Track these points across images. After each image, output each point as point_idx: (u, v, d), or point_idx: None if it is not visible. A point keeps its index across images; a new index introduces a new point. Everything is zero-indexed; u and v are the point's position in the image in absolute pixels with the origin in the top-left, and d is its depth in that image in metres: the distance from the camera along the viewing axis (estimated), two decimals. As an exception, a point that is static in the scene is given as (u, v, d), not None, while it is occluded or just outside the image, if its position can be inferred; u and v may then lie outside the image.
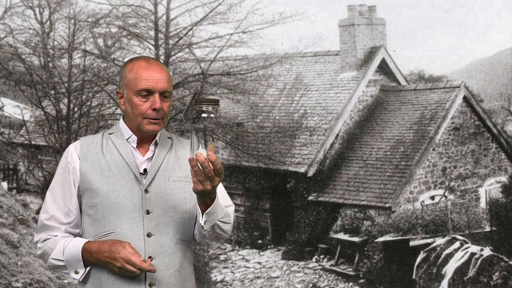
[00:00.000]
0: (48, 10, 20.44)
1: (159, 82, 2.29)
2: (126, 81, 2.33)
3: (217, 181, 2.09)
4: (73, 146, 2.38)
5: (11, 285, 5.79)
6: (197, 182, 2.08)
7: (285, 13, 17.68)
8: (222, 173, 2.10)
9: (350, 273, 14.53)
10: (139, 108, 2.30)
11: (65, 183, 2.35)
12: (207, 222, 2.21)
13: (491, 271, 10.29)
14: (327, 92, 18.14)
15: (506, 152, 17.80)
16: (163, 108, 2.30)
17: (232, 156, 17.86)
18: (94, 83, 15.64)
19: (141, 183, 2.30)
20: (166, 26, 16.59)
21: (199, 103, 2.11)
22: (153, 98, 2.29)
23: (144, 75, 2.30)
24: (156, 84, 2.29)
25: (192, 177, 2.08)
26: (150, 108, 2.28)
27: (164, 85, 2.30)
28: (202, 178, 2.07)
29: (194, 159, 2.04)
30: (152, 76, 2.30)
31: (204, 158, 2.03)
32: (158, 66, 2.33)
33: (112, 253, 2.18)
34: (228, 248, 17.14)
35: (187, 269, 2.36)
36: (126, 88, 2.32)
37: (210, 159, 2.04)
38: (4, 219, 7.73)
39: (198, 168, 2.05)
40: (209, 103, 2.11)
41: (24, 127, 19.28)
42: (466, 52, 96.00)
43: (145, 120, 2.30)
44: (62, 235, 2.33)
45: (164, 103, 2.31)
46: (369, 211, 15.15)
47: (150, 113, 2.29)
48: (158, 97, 2.29)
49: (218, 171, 2.07)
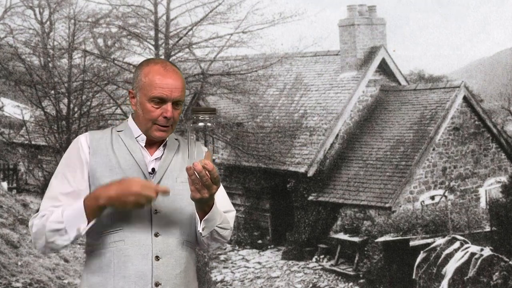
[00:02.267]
0: (48, 10, 20.45)
1: (173, 92, 2.28)
2: (140, 84, 2.31)
3: (214, 189, 2.11)
4: (84, 137, 2.35)
5: (11, 285, 5.79)
6: (194, 191, 2.10)
7: (285, 13, 17.73)
8: (220, 181, 2.12)
9: (350, 273, 14.53)
10: (150, 114, 2.29)
11: (78, 169, 2.29)
12: (205, 229, 2.23)
13: (491, 271, 10.29)
14: (327, 92, 18.14)
15: (506, 152, 17.80)
16: (173, 116, 2.30)
17: (232, 156, 17.86)
18: (94, 83, 15.64)
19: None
20: (166, 26, 16.59)
21: (196, 112, 2.13)
22: (165, 107, 2.28)
23: (159, 82, 2.28)
24: (170, 93, 2.28)
25: (189, 185, 2.10)
26: (161, 116, 2.28)
27: (178, 95, 2.29)
28: (200, 187, 2.08)
29: (191, 168, 2.06)
30: (168, 85, 2.28)
31: (201, 167, 2.05)
32: (174, 74, 2.31)
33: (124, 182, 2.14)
34: (228, 248, 17.14)
35: (191, 270, 2.37)
36: (140, 91, 2.31)
37: (207, 168, 2.06)
38: (4, 219, 7.73)
39: (196, 176, 2.07)
40: (206, 112, 2.13)
41: (24, 127, 19.29)
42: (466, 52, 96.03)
43: (155, 126, 2.30)
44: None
45: (176, 111, 2.30)
46: (369, 211, 15.15)
47: (161, 120, 2.28)
48: (171, 106, 2.28)
49: (215, 179, 2.09)
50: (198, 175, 2.06)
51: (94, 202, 2.15)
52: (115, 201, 2.14)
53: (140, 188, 2.12)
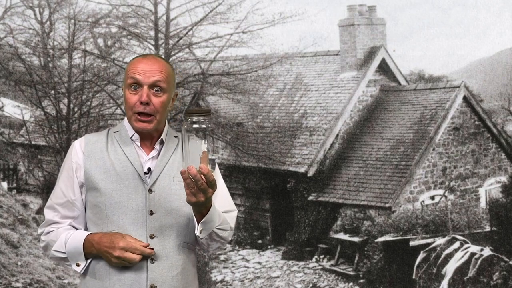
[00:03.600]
0: (48, 10, 20.44)
1: (148, 75, 2.22)
2: (124, 77, 2.30)
3: (210, 193, 2.07)
4: (78, 142, 2.35)
5: (11, 285, 5.78)
6: (190, 194, 2.06)
7: (285, 13, 17.71)
8: (215, 184, 2.07)
9: (350, 273, 14.53)
10: (128, 102, 2.25)
11: (69, 179, 2.32)
12: (203, 231, 2.20)
13: (491, 271, 10.29)
14: (327, 92, 18.14)
15: (506, 152, 17.79)
16: (153, 103, 2.23)
17: (232, 156, 17.86)
18: (94, 83, 15.64)
19: (145, 182, 2.27)
20: (166, 26, 16.59)
21: (190, 114, 2.07)
22: (141, 91, 2.23)
23: (134, 67, 2.25)
24: (144, 76, 2.22)
25: (185, 189, 2.06)
26: (138, 101, 2.23)
27: (155, 78, 2.23)
28: (195, 190, 2.04)
29: (186, 171, 2.02)
30: (143, 68, 2.23)
31: (196, 171, 2.00)
32: (153, 59, 2.27)
33: (112, 243, 2.17)
34: (228, 248, 17.13)
35: (190, 271, 2.34)
36: (123, 84, 2.30)
37: (202, 171, 2.01)
38: (4, 219, 7.73)
39: (191, 180, 2.03)
40: (200, 113, 2.07)
41: (24, 127, 19.28)
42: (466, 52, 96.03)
43: (134, 116, 2.25)
44: (65, 227, 2.32)
45: (156, 98, 2.24)
46: (369, 211, 15.14)
47: (138, 106, 2.23)
48: (146, 90, 2.22)
49: (211, 182, 2.04)
50: (193, 179, 2.02)
51: (90, 246, 2.23)
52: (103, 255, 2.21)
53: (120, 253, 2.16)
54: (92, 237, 2.23)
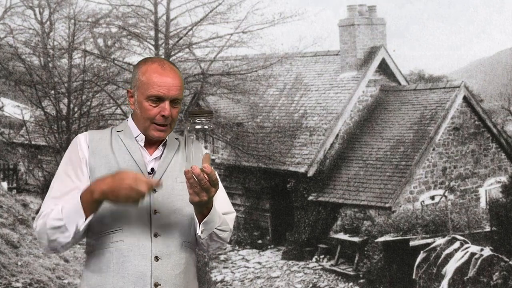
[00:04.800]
0: (48, 10, 20.46)
1: (171, 90, 2.27)
2: (138, 83, 2.30)
3: (213, 192, 2.10)
4: (83, 136, 2.35)
5: (11, 285, 5.78)
6: (193, 194, 2.08)
7: (285, 13, 17.72)
8: (218, 184, 2.10)
9: (350, 273, 14.53)
10: (148, 113, 2.28)
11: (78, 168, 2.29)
12: (204, 231, 2.23)
13: (491, 271, 10.29)
14: (327, 92, 18.14)
15: (506, 152, 17.80)
16: (172, 115, 2.29)
17: (232, 156, 17.86)
18: (94, 83, 15.64)
19: None
20: (166, 26, 16.59)
21: (193, 115, 2.11)
22: (163, 105, 2.27)
23: (157, 80, 2.27)
24: (168, 91, 2.27)
25: (188, 188, 2.08)
26: (159, 114, 2.27)
27: (176, 93, 2.28)
28: (198, 190, 2.07)
29: (189, 171, 2.04)
30: (165, 82, 2.27)
31: (199, 170, 2.03)
32: (172, 72, 2.30)
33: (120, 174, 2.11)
34: (228, 248, 17.14)
35: (191, 271, 2.36)
36: (137, 90, 2.30)
37: (205, 171, 2.04)
38: (4, 219, 7.73)
39: (194, 180, 2.05)
40: (202, 115, 2.12)
41: (24, 127, 19.28)
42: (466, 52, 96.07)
43: (152, 125, 2.29)
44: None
45: (174, 109, 2.30)
46: (369, 211, 15.15)
47: (159, 118, 2.27)
48: (169, 105, 2.27)
49: (214, 182, 2.07)
50: (196, 179, 2.05)
51: (89, 197, 2.13)
52: (108, 194, 2.11)
53: (132, 181, 2.08)
54: (89, 186, 2.16)
